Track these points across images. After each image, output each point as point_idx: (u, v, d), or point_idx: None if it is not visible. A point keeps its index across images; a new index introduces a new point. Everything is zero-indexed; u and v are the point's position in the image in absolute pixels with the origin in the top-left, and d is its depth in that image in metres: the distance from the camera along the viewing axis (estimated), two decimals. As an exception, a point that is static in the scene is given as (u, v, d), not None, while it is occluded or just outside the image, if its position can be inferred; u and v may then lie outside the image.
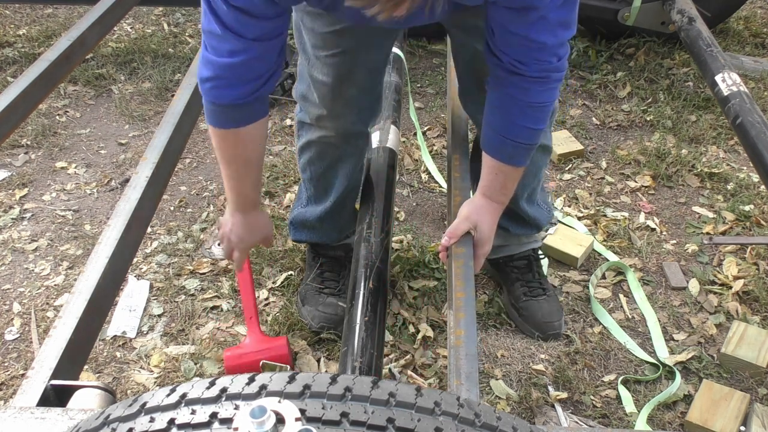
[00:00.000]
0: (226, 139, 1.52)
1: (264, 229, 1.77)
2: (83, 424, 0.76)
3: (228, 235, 1.74)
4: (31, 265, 2.39)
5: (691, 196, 2.65)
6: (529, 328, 2.10)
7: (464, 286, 1.43)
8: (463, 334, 1.31)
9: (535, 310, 2.11)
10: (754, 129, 1.94)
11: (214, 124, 1.49)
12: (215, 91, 1.42)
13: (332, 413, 0.67)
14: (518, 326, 2.14)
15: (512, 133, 1.49)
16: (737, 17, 3.77)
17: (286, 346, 1.97)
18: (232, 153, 1.55)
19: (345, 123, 1.83)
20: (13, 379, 2.01)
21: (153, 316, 2.19)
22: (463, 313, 1.36)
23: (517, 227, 2.10)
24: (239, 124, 1.48)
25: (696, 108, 3.10)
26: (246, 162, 1.57)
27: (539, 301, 2.12)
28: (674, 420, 1.86)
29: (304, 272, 2.25)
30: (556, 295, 2.18)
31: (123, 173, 2.82)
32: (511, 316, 2.16)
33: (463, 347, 1.28)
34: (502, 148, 1.53)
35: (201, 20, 1.36)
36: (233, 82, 1.40)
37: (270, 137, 3.01)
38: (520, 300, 2.13)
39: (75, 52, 2.00)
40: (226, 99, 1.42)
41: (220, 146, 1.55)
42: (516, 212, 2.02)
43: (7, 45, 3.74)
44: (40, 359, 1.10)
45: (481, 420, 0.71)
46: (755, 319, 2.13)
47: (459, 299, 1.40)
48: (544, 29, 1.33)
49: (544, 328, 2.09)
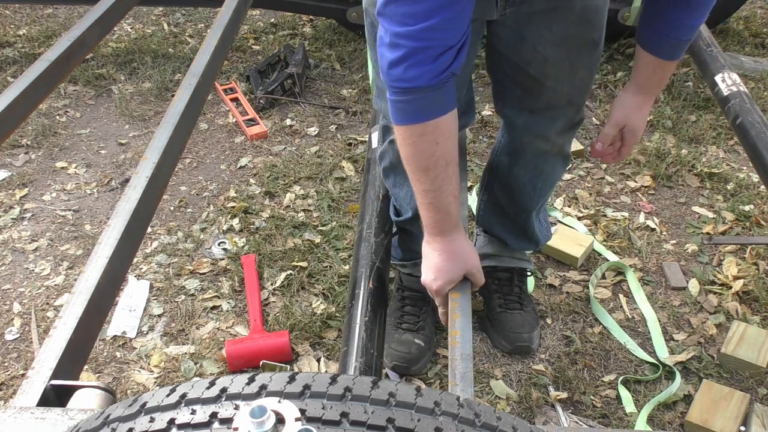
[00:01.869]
0: (424, 135, 1.31)
1: (471, 256, 1.44)
2: (83, 424, 0.76)
3: (431, 278, 1.43)
4: (31, 265, 2.39)
5: (691, 196, 2.65)
6: (497, 338, 2.05)
7: (460, 287, 1.43)
8: (458, 334, 1.30)
9: (506, 321, 2.05)
10: (754, 129, 1.94)
11: (410, 119, 1.30)
12: (412, 71, 1.24)
13: (332, 413, 0.67)
14: (490, 339, 2.08)
15: (673, 32, 1.51)
16: (737, 17, 3.77)
17: (288, 339, 2.02)
18: (431, 153, 1.33)
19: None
20: (13, 379, 2.01)
21: (153, 316, 2.19)
22: (458, 313, 1.36)
23: (516, 241, 2.03)
24: (438, 114, 1.30)
25: (696, 108, 3.10)
26: (447, 164, 1.34)
27: (513, 313, 2.06)
28: (674, 420, 1.86)
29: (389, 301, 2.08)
30: (535, 312, 2.12)
31: (123, 173, 2.82)
32: (484, 328, 2.11)
33: (458, 347, 1.27)
34: (663, 46, 1.54)
35: (378, 3, 1.24)
36: (429, 54, 1.23)
37: (270, 137, 3.01)
38: (494, 311, 2.08)
39: (75, 52, 1.99)
40: (424, 79, 1.25)
41: (418, 147, 1.33)
42: (523, 226, 1.96)
43: (7, 45, 3.74)
44: (40, 359, 1.10)
45: (481, 420, 0.71)
46: (755, 319, 2.13)
47: (454, 300, 1.40)
48: None
49: (512, 339, 2.02)
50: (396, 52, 1.24)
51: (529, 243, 2.04)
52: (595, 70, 1.69)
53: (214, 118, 3.17)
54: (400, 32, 1.22)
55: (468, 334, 1.31)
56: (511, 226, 1.98)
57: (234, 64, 3.56)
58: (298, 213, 2.58)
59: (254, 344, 2.01)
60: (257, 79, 3.30)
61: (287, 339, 2.02)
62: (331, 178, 2.75)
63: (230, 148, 2.97)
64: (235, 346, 2.01)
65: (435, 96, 1.28)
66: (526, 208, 1.92)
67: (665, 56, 1.54)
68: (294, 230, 2.49)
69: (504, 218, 1.97)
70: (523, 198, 1.89)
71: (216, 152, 2.96)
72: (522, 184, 1.85)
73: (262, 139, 3.01)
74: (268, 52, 3.62)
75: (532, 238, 2.01)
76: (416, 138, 1.32)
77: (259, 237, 2.46)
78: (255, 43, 3.77)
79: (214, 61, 1.97)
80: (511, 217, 1.95)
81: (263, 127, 3.04)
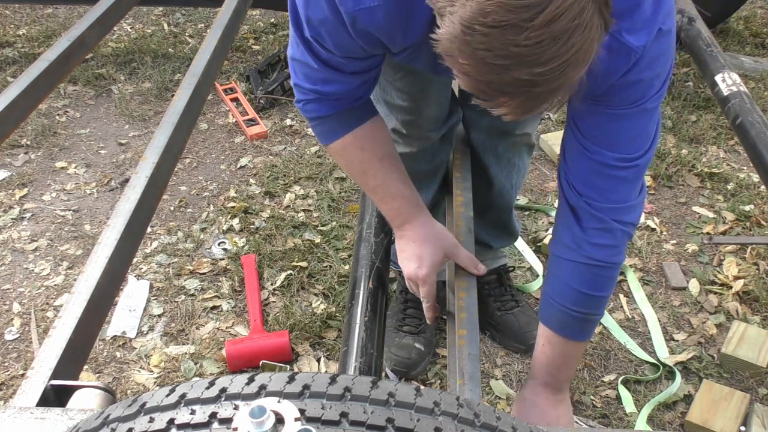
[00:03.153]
0: (346, 148, 1.36)
1: (445, 235, 1.44)
2: (83, 424, 0.76)
3: (415, 267, 1.41)
4: (31, 265, 2.39)
5: (691, 196, 2.65)
6: (509, 342, 2.07)
7: (467, 287, 1.43)
8: (465, 333, 1.30)
9: (511, 323, 2.07)
10: (754, 129, 1.94)
11: (329, 138, 1.35)
12: (311, 107, 1.31)
13: (332, 413, 0.67)
14: (498, 342, 2.10)
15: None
16: (737, 17, 3.77)
17: (288, 339, 2.02)
18: (360, 158, 1.37)
19: (426, 140, 1.75)
20: (13, 379, 2.01)
21: (153, 316, 2.19)
22: (465, 312, 1.36)
23: (499, 241, 2.06)
24: (353, 127, 1.34)
25: (696, 108, 3.10)
26: (381, 159, 1.37)
27: (514, 313, 2.08)
28: (674, 420, 1.86)
29: (391, 303, 2.12)
30: (529, 305, 2.15)
31: (123, 173, 2.82)
32: (489, 333, 2.12)
33: (465, 347, 1.27)
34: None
35: (288, 48, 1.28)
36: (324, 102, 1.30)
37: (270, 137, 3.01)
38: (495, 316, 2.09)
39: (75, 52, 1.99)
40: (323, 111, 1.32)
41: (346, 159, 1.39)
42: (505, 223, 2.00)
43: (7, 45, 3.74)
44: (40, 359, 1.10)
45: (480, 420, 0.71)
46: (755, 319, 2.13)
47: (461, 299, 1.40)
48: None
49: (524, 338, 2.04)
50: (300, 95, 1.31)
51: (509, 238, 2.10)
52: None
53: (214, 118, 3.17)
54: (297, 83, 1.30)
55: (475, 334, 1.30)
56: (493, 227, 2.02)
57: (234, 64, 3.56)
58: (298, 213, 2.58)
59: (254, 344, 2.01)
60: (257, 79, 3.30)
61: (287, 339, 2.02)
62: (331, 178, 2.75)
63: (230, 148, 2.97)
64: (235, 346, 2.01)
65: (343, 116, 1.33)
66: (507, 206, 1.98)
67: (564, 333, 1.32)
68: (294, 230, 2.49)
69: (486, 222, 1.98)
70: (503, 197, 1.94)
71: (216, 152, 2.96)
72: (501, 183, 1.90)
73: (262, 139, 3.01)
74: (268, 52, 3.62)
75: (513, 232, 2.08)
76: (341, 151, 1.37)
77: (259, 237, 2.46)
78: (255, 43, 3.77)
79: (214, 61, 1.97)
80: (493, 218, 1.99)
81: (263, 127, 3.04)
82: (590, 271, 1.26)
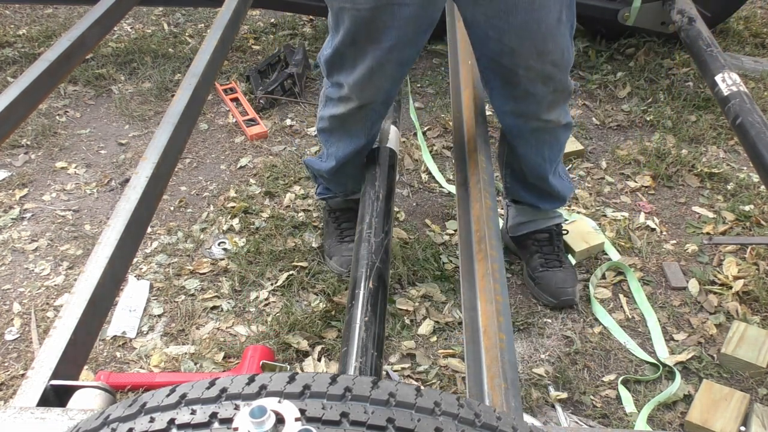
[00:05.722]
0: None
1: None
2: (83, 424, 0.76)
3: None
4: (31, 265, 2.39)
5: (691, 196, 2.65)
6: (544, 295, 2.19)
7: (501, 290, 1.42)
8: (504, 338, 1.28)
9: (550, 278, 2.20)
10: (754, 129, 1.94)
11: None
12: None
13: (332, 413, 0.67)
14: (534, 296, 2.22)
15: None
16: (737, 17, 3.77)
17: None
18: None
19: (370, 106, 1.87)
20: (13, 379, 2.01)
21: (153, 316, 2.19)
22: (502, 317, 1.34)
23: (545, 203, 2.19)
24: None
25: (696, 108, 3.10)
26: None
27: (554, 271, 2.21)
28: (674, 420, 1.86)
29: (323, 231, 2.39)
30: (573, 268, 2.26)
31: (123, 173, 2.82)
32: (528, 286, 2.25)
33: (505, 352, 1.25)
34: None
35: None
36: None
37: (270, 137, 3.01)
38: (537, 270, 2.23)
39: (75, 52, 1.99)
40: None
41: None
42: (545, 189, 2.11)
43: (7, 45, 3.74)
44: (40, 359, 1.10)
45: (481, 420, 0.71)
46: (755, 319, 2.13)
47: (498, 302, 1.38)
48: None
49: (558, 294, 2.16)
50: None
51: (558, 201, 2.21)
52: (571, 44, 1.72)
53: (214, 118, 3.17)
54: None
55: (512, 340, 1.31)
56: (537, 192, 2.15)
57: (234, 64, 3.56)
58: (298, 213, 2.58)
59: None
60: (257, 79, 3.30)
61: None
62: (331, 178, 2.75)
63: (230, 148, 2.97)
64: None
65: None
66: (542, 176, 2.07)
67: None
68: (294, 230, 2.49)
69: (528, 186, 2.14)
70: (537, 169, 2.05)
71: (216, 152, 2.96)
72: (531, 159, 2.02)
73: (262, 139, 3.01)
74: (268, 52, 3.62)
75: (558, 196, 2.17)
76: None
77: (259, 237, 2.46)
78: (255, 43, 3.77)
79: (214, 61, 1.97)
80: (534, 184, 2.11)
81: (263, 127, 3.04)
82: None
